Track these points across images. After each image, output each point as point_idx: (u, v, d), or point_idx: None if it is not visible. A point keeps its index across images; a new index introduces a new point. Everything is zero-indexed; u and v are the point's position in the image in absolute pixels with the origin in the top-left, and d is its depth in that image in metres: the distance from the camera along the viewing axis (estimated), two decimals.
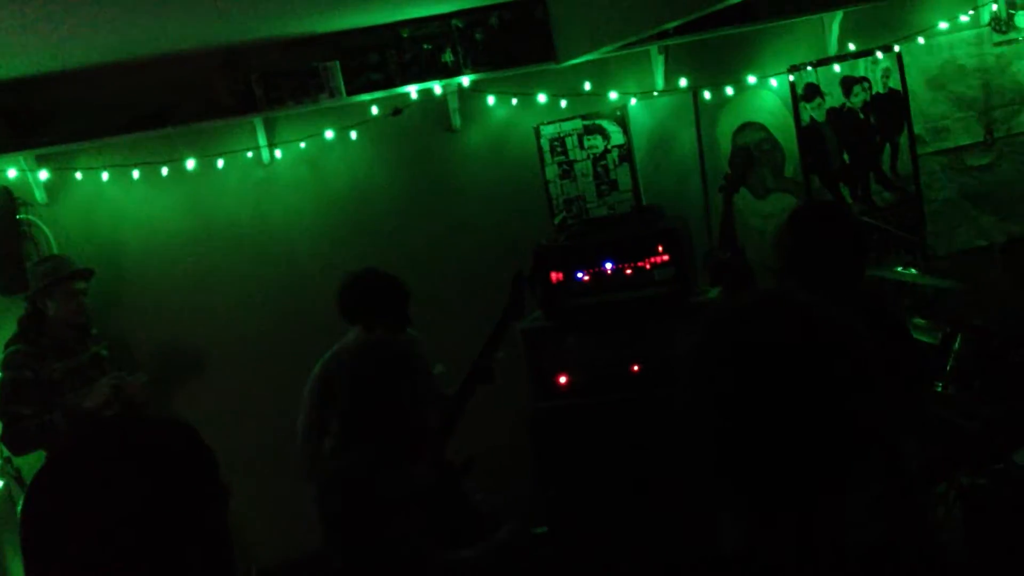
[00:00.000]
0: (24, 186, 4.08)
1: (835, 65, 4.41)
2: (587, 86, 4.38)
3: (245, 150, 4.23)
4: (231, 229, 4.31)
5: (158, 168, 4.14)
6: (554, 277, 3.79)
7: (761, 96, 4.50)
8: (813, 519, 1.04)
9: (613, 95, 4.37)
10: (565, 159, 4.35)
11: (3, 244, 3.99)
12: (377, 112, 4.26)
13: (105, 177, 4.12)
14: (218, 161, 4.19)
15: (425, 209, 4.41)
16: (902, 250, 4.40)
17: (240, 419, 4.22)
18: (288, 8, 3.44)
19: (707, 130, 4.49)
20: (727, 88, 4.44)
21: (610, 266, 3.76)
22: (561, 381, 3.81)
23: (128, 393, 3.62)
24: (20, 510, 1.11)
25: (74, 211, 4.18)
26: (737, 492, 1.07)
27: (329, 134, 4.24)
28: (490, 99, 4.36)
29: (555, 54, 4.25)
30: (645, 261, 3.73)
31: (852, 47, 4.44)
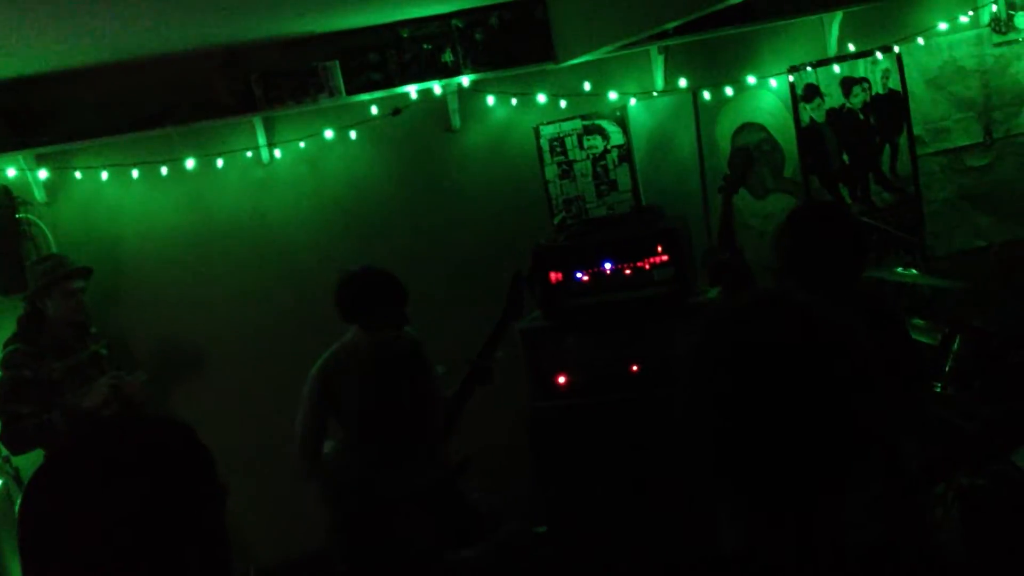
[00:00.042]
0: (24, 185, 4.07)
1: (835, 66, 4.41)
2: (587, 86, 4.37)
3: (245, 150, 4.23)
4: (231, 228, 4.31)
5: (158, 167, 4.14)
6: (553, 277, 3.79)
7: (761, 96, 4.50)
8: (812, 519, 1.04)
9: (613, 95, 4.36)
10: (565, 159, 4.35)
11: (2, 243, 3.99)
12: (377, 112, 4.26)
13: (105, 176, 4.12)
14: (218, 161, 4.19)
15: (424, 209, 4.41)
16: (901, 250, 4.41)
17: (239, 418, 4.22)
18: (288, 8, 3.44)
19: (706, 130, 4.49)
20: (727, 88, 4.44)
21: (609, 266, 3.76)
22: (560, 381, 3.81)
23: (127, 392, 3.62)
24: (18, 509, 1.10)
25: (74, 210, 4.18)
26: (736, 492, 1.07)
27: (329, 134, 4.24)
28: (490, 99, 4.36)
29: (555, 54, 4.25)
30: (644, 261, 3.73)
31: (852, 48, 4.44)
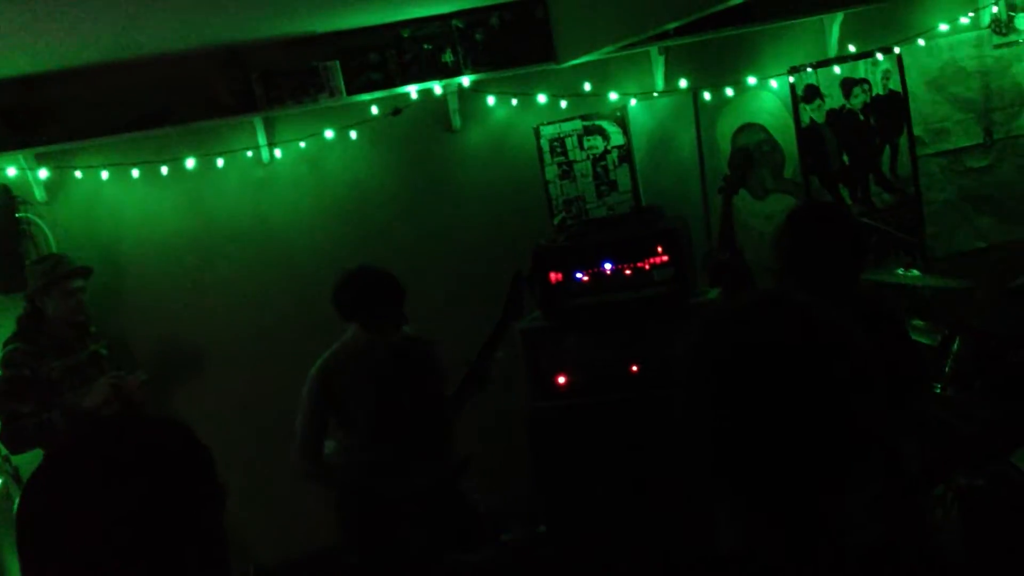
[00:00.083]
0: (24, 184, 4.07)
1: (835, 67, 4.41)
2: (587, 87, 4.37)
3: (245, 149, 4.23)
4: (231, 228, 4.31)
5: (158, 167, 4.13)
6: (553, 277, 3.79)
7: (761, 97, 4.50)
8: (812, 520, 1.04)
9: (613, 96, 4.36)
10: (565, 159, 4.35)
11: (2, 242, 3.98)
12: (377, 112, 4.26)
13: (105, 176, 4.11)
14: (218, 160, 4.19)
15: (425, 209, 4.41)
16: (901, 251, 4.41)
17: (239, 418, 4.22)
18: (289, 7, 3.44)
19: (707, 131, 4.49)
20: (727, 89, 4.44)
21: (609, 266, 3.76)
22: (560, 381, 3.80)
23: (127, 392, 3.62)
24: (16, 508, 1.10)
25: (74, 210, 4.18)
26: (735, 492, 1.07)
27: (329, 134, 4.24)
28: (490, 99, 4.36)
29: (555, 54, 4.25)
30: (644, 261, 3.72)
31: (852, 49, 4.44)
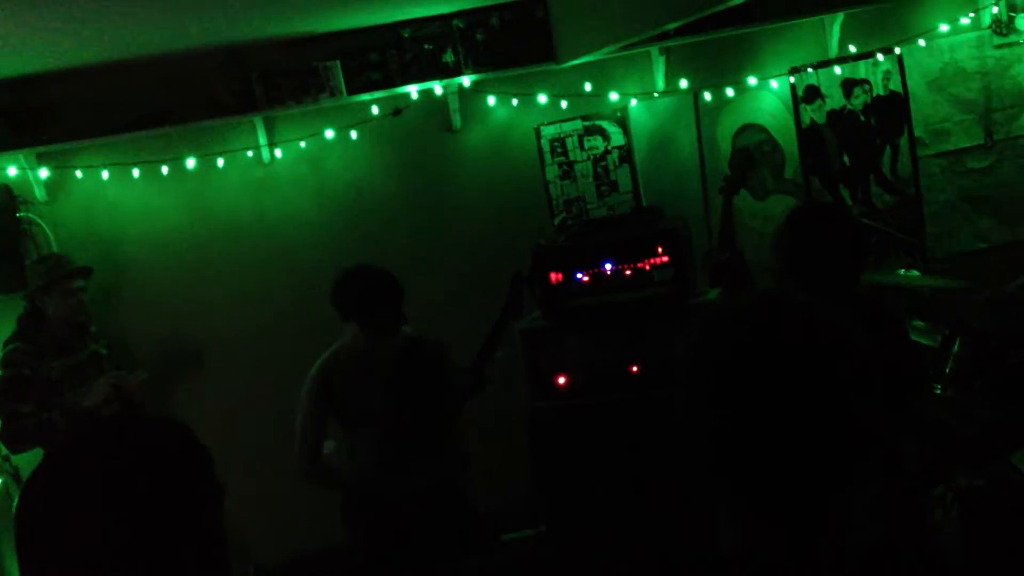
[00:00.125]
0: (24, 184, 4.07)
1: (836, 67, 4.41)
2: (587, 87, 4.37)
3: (245, 149, 4.23)
4: (231, 228, 4.31)
5: (158, 167, 4.13)
6: (553, 277, 3.79)
7: (761, 97, 4.50)
8: (812, 520, 1.04)
9: (613, 96, 4.36)
10: (565, 160, 4.35)
11: (3, 242, 3.98)
12: (377, 112, 4.26)
13: (105, 175, 4.11)
14: (218, 160, 4.19)
15: (425, 209, 4.41)
16: (902, 252, 4.40)
17: (239, 417, 4.22)
18: (289, 7, 3.44)
19: (707, 131, 4.49)
20: (728, 89, 4.44)
21: (609, 267, 3.76)
22: (560, 381, 3.80)
23: (127, 392, 3.62)
24: (15, 508, 1.10)
25: (74, 209, 4.18)
26: (735, 492, 1.07)
27: (329, 133, 4.24)
28: (490, 99, 4.36)
29: (556, 55, 4.25)
30: (645, 262, 3.72)
31: (853, 49, 4.44)
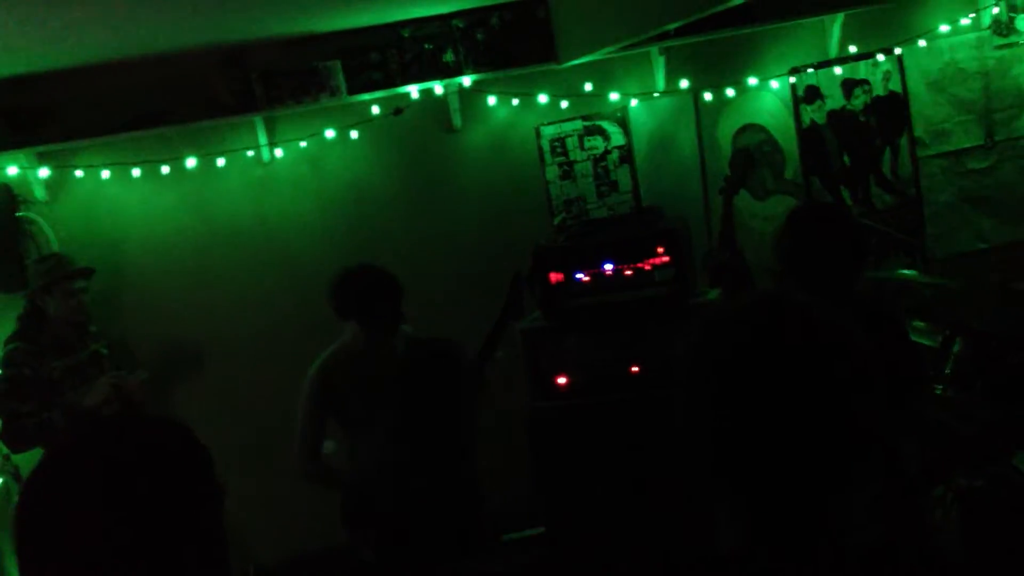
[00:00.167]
0: (24, 184, 4.07)
1: (836, 67, 4.41)
2: (588, 87, 4.37)
3: (245, 149, 4.23)
4: (231, 228, 4.31)
5: (158, 166, 4.13)
6: (553, 278, 3.79)
7: (762, 98, 4.49)
8: (812, 520, 1.04)
9: (614, 96, 4.36)
10: (565, 160, 4.35)
11: (3, 242, 3.98)
12: (378, 112, 4.25)
13: (105, 175, 4.11)
14: (218, 160, 4.19)
15: (425, 209, 4.41)
16: (902, 252, 4.40)
17: (239, 417, 4.22)
18: (289, 6, 3.43)
19: (707, 131, 4.49)
20: (728, 90, 4.43)
21: (610, 267, 3.76)
22: (560, 382, 3.80)
23: (128, 392, 3.62)
24: (15, 507, 1.10)
25: (74, 209, 4.18)
26: (735, 492, 1.07)
27: (330, 133, 4.24)
28: (491, 99, 4.36)
29: (556, 55, 4.25)
30: (645, 262, 3.72)
31: (853, 49, 4.44)
